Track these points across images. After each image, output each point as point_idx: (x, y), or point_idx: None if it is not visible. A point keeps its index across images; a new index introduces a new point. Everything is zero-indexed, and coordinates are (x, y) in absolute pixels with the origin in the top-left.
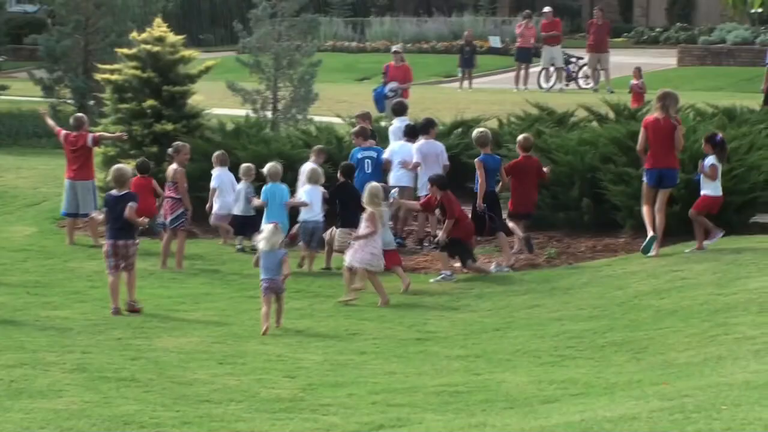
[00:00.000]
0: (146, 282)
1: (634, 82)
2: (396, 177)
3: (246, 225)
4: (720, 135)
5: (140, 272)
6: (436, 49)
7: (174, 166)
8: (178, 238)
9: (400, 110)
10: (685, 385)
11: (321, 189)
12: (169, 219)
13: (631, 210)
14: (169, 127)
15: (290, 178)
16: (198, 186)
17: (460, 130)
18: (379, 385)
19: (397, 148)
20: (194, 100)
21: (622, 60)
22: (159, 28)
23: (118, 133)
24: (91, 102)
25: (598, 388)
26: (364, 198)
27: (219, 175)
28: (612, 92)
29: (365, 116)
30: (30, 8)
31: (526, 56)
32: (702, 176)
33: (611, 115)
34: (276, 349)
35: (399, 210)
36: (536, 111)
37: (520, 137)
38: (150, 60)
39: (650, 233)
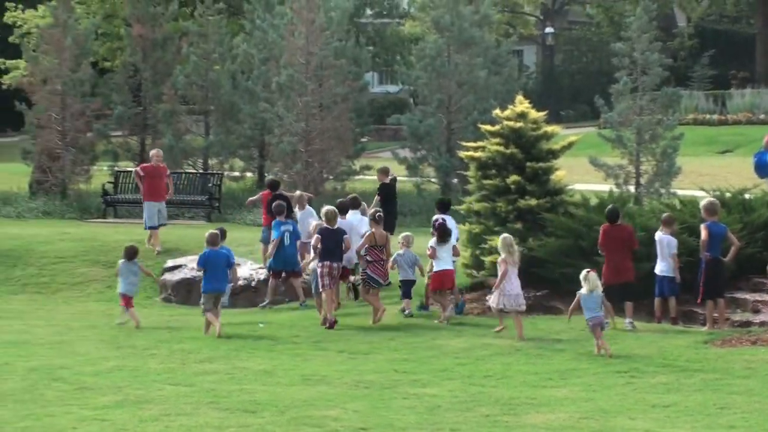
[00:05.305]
0: (513, 358)
1: None
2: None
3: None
4: (439, 220)
5: (506, 348)
6: None
7: None
8: None
9: None
10: None
11: None
12: None
13: None
14: (533, 202)
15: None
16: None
17: None
18: None
19: None
20: (557, 176)
21: None
22: (521, 104)
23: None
24: (455, 180)
25: None
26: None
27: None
28: None
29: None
30: (392, 89)
31: None
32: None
33: None
34: (644, 424)
35: None
36: None
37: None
38: (513, 136)
39: None
